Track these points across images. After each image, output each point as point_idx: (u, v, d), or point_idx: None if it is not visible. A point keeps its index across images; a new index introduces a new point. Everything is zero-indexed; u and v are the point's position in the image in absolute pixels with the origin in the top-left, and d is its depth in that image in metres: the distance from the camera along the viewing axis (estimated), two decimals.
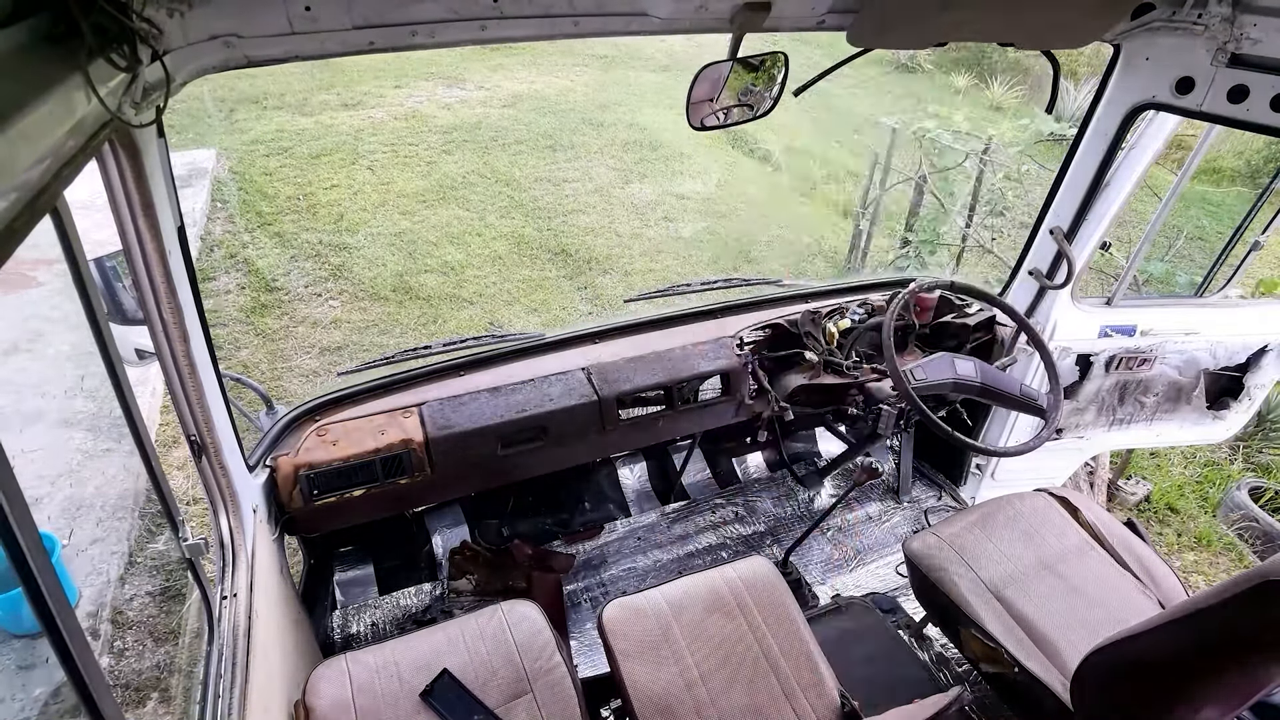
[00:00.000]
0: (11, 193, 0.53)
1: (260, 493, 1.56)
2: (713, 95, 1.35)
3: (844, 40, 1.36)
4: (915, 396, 1.76)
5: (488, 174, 6.15)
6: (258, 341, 4.20)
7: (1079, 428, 2.45)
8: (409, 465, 1.75)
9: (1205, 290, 2.53)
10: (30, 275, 3.92)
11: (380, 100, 7.34)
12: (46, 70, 0.59)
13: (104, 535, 2.83)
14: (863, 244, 5.57)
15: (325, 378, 3.96)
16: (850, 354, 2.11)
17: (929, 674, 1.88)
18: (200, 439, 1.31)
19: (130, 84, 0.75)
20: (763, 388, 2.10)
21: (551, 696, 1.39)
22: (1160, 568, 1.75)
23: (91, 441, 3.15)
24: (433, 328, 4.45)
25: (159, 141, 1.01)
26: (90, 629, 2.52)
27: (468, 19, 1.09)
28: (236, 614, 1.30)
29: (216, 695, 1.18)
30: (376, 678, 1.40)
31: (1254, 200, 2.51)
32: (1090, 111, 1.85)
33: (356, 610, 2.09)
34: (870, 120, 8.05)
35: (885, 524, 2.50)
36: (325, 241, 5.12)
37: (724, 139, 7.30)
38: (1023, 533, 1.80)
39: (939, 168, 5.09)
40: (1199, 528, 3.53)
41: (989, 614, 1.60)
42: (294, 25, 0.99)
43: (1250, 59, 1.43)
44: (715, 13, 1.20)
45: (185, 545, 1.24)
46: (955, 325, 2.22)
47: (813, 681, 1.41)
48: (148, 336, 1.18)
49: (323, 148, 6.35)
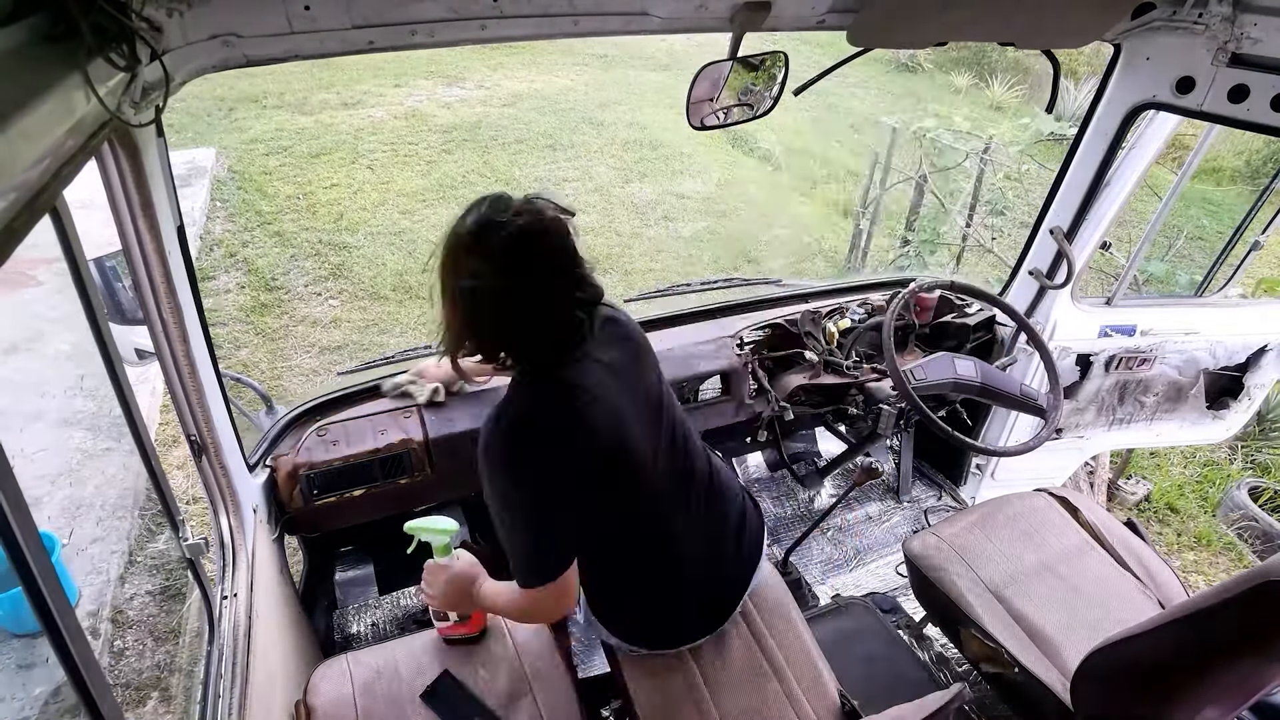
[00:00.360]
0: (11, 192, 0.53)
1: (260, 493, 1.56)
2: (713, 95, 1.35)
3: (844, 40, 1.36)
4: (915, 396, 1.76)
5: (488, 173, 6.15)
6: (257, 341, 4.20)
7: (1079, 427, 2.45)
8: (409, 465, 1.75)
9: (1205, 290, 2.53)
10: (30, 274, 3.92)
11: (380, 99, 7.34)
12: (45, 70, 0.59)
13: (104, 534, 2.83)
14: (863, 244, 5.57)
15: (325, 377, 3.95)
16: (850, 354, 2.11)
17: (929, 674, 1.88)
18: (200, 439, 1.31)
19: (129, 83, 0.75)
20: (763, 388, 2.10)
21: (551, 696, 1.39)
22: (1160, 568, 1.75)
23: (91, 441, 3.15)
24: (433, 327, 4.44)
25: (158, 141, 1.01)
26: (90, 628, 2.52)
27: (467, 18, 1.08)
28: (236, 614, 1.30)
29: (217, 695, 1.18)
30: (377, 678, 1.40)
31: (1254, 200, 2.51)
32: (1090, 111, 1.85)
33: (356, 610, 2.09)
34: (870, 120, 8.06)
35: (885, 524, 2.50)
36: (325, 240, 5.12)
37: (724, 139, 7.30)
38: (1023, 533, 1.80)
39: (939, 167, 5.09)
40: (1199, 528, 3.53)
41: (989, 614, 1.60)
42: (293, 24, 0.99)
43: (1251, 58, 1.43)
44: (715, 12, 1.20)
45: (186, 545, 1.24)
46: (955, 325, 2.22)
47: (813, 682, 1.41)
48: (148, 336, 1.18)
49: (322, 146, 6.35)
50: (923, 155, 5.22)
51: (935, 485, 2.64)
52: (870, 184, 5.56)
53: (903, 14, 1.28)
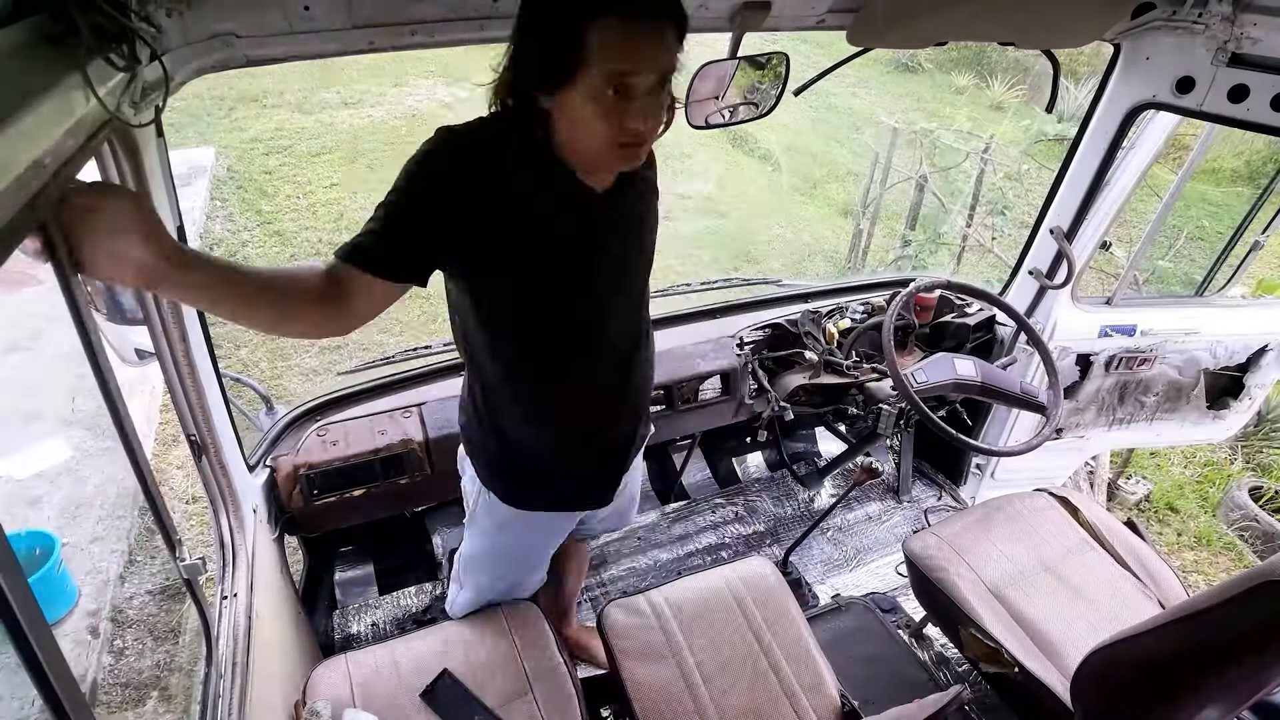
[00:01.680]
0: (11, 192, 0.53)
1: (260, 493, 1.56)
2: (712, 94, 1.34)
3: (844, 40, 1.36)
4: (915, 397, 1.76)
5: None
6: (257, 340, 4.20)
7: (1079, 427, 2.45)
8: (409, 465, 1.75)
9: (1205, 290, 2.53)
10: (30, 274, 3.91)
11: (380, 99, 7.34)
12: (45, 70, 0.59)
13: (104, 534, 2.83)
14: (863, 244, 5.57)
15: (325, 377, 3.95)
16: (850, 354, 2.11)
17: (929, 674, 1.88)
18: (200, 439, 1.31)
19: (129, 83, 0.74)
20: (763, 387, 2.10)
21: (551, 696, 1.39)
22: (1160, 568, 1.75)
23: (91, 440, 3.15)
24: (433, 326, 4.44)
25: (158, 141, 1.01)
26: (90, 627, 2.52)
27: (467, 18, 1.08)
28: (236, 614, 1.30)
29: (216, 695, 1.18)
30: (377, 678, 1.40)
31: (1254, 200, 2.51)
32: (1090, 111, 1.85)
33: (356, 610, 2.09)
34: (870, 120, 8.06)
35: (885, 524, 2.50)
36: (325, 240, 5.12)
37: (724, 139, 7.29)
38: (1023, 532, 1.80)
39: (939, 167, 5.09)
40: (1199, 527, 3.53)
41: (989, 614, 1.59)
42: (293, 25, 0.99)
43: (1250, 58, 1.43)
44: (715, 12, 1.20)
45: (183, 565, 1.22)
46: (955, 325, 2.22)
47: (813, 682, 1.41)
48: (147, 336, 1.18)
49: (322, 146, 6.35)
50: (923, 155, 5.22)
51: (935, 485, 2.64)
52: (870, 184, 5.56)
53: (903, 14, 1.28)
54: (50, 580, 2.46)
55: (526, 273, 1.06)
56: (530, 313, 1.11)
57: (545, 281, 1.07)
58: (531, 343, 1.14)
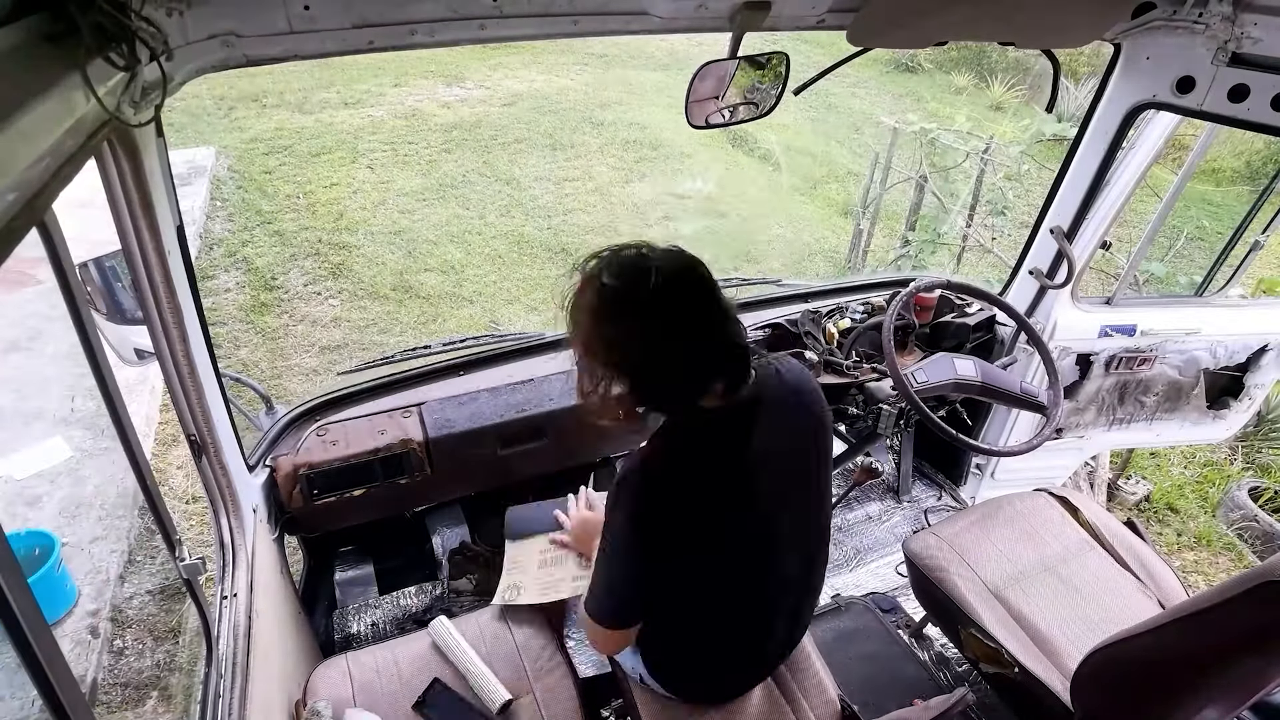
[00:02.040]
0: (10, 192, 0.53)
1: (260, 493, 1.56)
2: (712, 94, 1.35)
3: (844, 40, 1.36)
4: (915, 397, 1.76)
5: (487, 173, 6.15)
6: (257, 340, 4.20)
7: (1079, 427, 2.45)
8: (409, 465, 1.75)
9: (1206, 290, 2.53)
10: (29, 274, 3.92)
11: (380, 99, 7.34)
12: (45, 70, 0.59)
13: (104, 534, 2.83)
14: (863, 244, 5.57)
15: (325, 376, 3.96)
16: (850, 354, 2.11)
17: (929, 674, 1.88)
18: (200, 438, 1.31)
19: (129, 83, 0.74)
20: None
21: (551, 696, 1.39)
22: (1160, 568, 1.75)
23: (91, 440, 3.15)
24: (433, 326, 4.45)
25: (158, 141, 1.01)
26: (90, 627, 2.52)
27: (467, 18, 1.08)
28: (236, 614, 1.30)
29: (216, 695, 1.18)
30: (377, 677, 1.40)
31: (1254, 200, 2.51)
32: (1090, 111, 1.85)
33: (356, 610, 2.09)
34: (870, 120, 8.06)
35: (885, 524, 2.50)
36: (325, 240, 5.12)
37: (724, 139, 7.30)
38: (1023, 532, 1.80)
39: (939, 167, 5.09)
40: (1199, 528, 3.52)
41: (989, 614, 1.59)
42: (293, 24, 0.98)
43: (1251, 58, 1.43)
44: (715, 12, 1.20)
45: (183, 565, 1.22)
46: (955, 325, 2.22)
47: (812, 682, 1.41)
48: (147, 336, 1.18)
49: (322, 146, 6.35)
50: (923, 155, 5.22)
51: (935, 485, 2.64)
52: (870, 184, 5.55)
53: (903, 14, 1.28)
54: (50, 580, 2.46)
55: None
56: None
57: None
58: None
